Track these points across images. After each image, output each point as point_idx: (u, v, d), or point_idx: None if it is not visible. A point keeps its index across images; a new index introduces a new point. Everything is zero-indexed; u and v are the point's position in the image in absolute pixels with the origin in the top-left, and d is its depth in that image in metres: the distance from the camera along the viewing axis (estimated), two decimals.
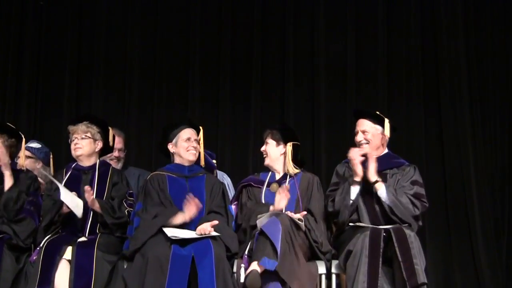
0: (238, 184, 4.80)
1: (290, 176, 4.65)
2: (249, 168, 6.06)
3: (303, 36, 6.33)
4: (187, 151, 4.62)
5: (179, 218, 4.34)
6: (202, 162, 4.74)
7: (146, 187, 4.54)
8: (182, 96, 6.38)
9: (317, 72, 6.26)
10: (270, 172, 4.73)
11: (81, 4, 6.52)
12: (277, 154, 4.69)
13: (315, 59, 6.27)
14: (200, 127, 4.77)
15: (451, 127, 6.06)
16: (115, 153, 5.19)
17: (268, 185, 4.68)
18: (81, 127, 4.60)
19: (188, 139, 4.63)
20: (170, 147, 4.66)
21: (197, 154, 4.69)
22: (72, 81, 6.42)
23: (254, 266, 4.07)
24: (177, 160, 4.66)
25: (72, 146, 4.61)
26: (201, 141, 4.72)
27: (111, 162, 5.06)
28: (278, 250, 4.06)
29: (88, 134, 4.61)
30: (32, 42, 6.46)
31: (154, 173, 4.63)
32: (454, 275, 5.84)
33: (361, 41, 6.24)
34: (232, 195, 4.97)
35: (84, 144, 4.60)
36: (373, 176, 4.49)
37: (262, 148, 4.73)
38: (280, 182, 4.65)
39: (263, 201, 4.58)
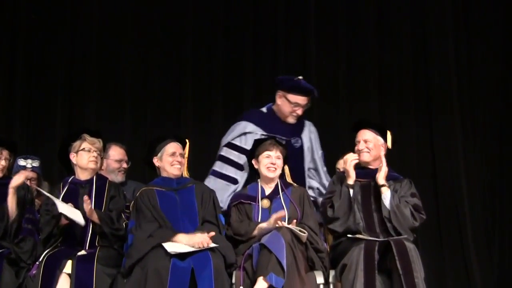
0: (229, 206, 4.73)
1: (282, 190, 4.65)
2: None
3: (294, 51, 6.42)
4: (172, 165, 4.64)
5: (179, 240, 4.33)
6: (185, 174, 4.75)
7: (137, 204, 4.54)
8: (175, 113, 6.43)
9: None
10: (260, 187, 4.70)
11: (73, 22, 6.55)
12: (281, 169, 4.71)
13: (307, 75, 6.33)
14: (187, 140, 4.80)
15: (442, 139, 6.17)
16: (124, 165, 5.22)
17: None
18: (99, 144, 4.66)
19: (173, 153, 4.65)
20: (155, 161, 4.69)
21: (182, 169, 4.71)
22: (64, 98, 6.46)
23: (261, 281, 4.11)
24: (163, 173, 4.68)
25: (88, 157, 4.60)
26: (186, 154, 4.74)
27: (119, 174, 5.11)
28: (285, 266, 4.10)
29: (101, 153, 4.69)
30: (24, 58, 6.48)
31: (143, 189, 4.63)
32: (446, 285, 5.93)
33: (352, 56, 6.34)
34: (319, 146, 5.08)
35: (98, 160, 4.65)
36: (382, 179, 4.56)
37: (274, 161, 4.62)
38: (271, 197, 4.65)
39: (255, 219, 4.56)
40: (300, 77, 5.03)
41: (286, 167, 4.81)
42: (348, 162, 4.62)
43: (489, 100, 6.23)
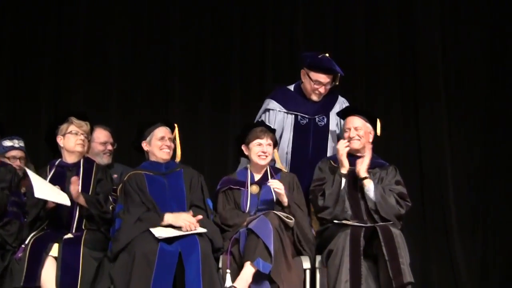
0: (216, 191, 4.71)
1: (272, 176, 4.65)
2: (228, 168, 6.09)
3: (282, 40, 6.38)
4: (161, 150, 4.63)
5: (166, 221, 4.35)
6: (178, 158, 4.76)
7: (125, 188, 4.54)
8: (162, 96, 6.40)
9: (297, 76, 6.35)
10: (249, 172, 4.71)
11: (60, 4, 6.44)
12: (271, 156, 4.69)
13: (294, 62, 6.32)
14: (175, 124, 4.78)
15: (428, 127, 6.17)
16: (109, 147, 5.19)
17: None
18: (87, 127, 4.65)
19: (162, 138, 4.64)
20: (144, 145, 4.68)
21: (171, 153, 4.70)
22: (50, 81, 6.38)
23: (248, 266, 4.13)
24: (152, 158, 4.68)
25: (75, 140, 4.59)
26: (177, 138, 4.74)
27: (104, 157, 5.09)
28: (272, 252, 4.12)
29: (88, 136, 4.67)
30: (10, 41, 6.38)
31: (131, 172, 4.62)
32: (430, 269, 5.98)
33: (339, 46, 6.29)
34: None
35: (85, 143, 4.64)
36: (363, 172, 4.56)
37: (265, 149, 4.60)
38: (261, 183, 4.64)
39: (244, 204, 4.57)
40: (326, 54, 4.94)
41: (276, 152, 4.81)
42: (340, 151, 4.60)
43: (475, 87, 6.22)
